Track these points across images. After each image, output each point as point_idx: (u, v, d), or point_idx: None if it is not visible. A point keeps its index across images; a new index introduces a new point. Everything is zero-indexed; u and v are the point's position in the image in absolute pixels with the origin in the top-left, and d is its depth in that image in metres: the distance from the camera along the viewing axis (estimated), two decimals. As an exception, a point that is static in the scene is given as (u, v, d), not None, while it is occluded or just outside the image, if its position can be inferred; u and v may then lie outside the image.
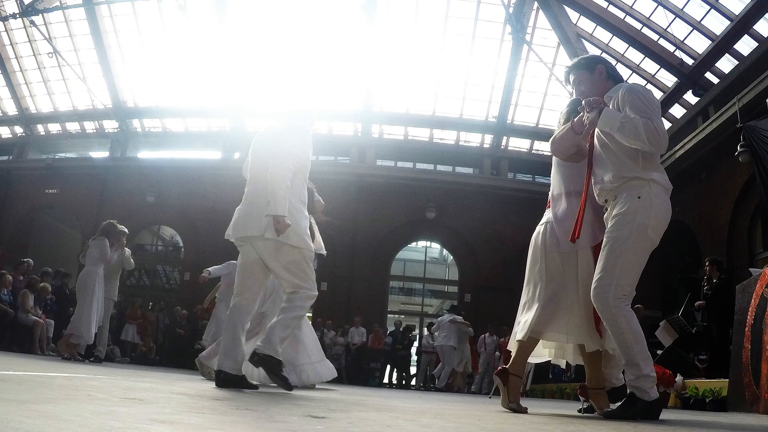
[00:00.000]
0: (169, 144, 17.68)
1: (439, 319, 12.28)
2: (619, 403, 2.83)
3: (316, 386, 4.71)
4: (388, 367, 13.88)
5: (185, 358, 11.54)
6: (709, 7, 10.71)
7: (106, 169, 16.66)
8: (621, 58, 13.09)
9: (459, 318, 11.90)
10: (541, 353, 3.25)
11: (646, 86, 13.14)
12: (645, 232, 2.70)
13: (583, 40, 13.47)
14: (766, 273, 4.82)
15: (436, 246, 18.31)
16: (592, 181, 2.93)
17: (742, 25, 10.17)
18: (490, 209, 15.35)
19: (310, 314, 7.38)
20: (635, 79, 13.20)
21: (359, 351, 13.08)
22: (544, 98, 15.56)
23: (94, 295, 7.00)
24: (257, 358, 3.34)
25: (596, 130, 2.91)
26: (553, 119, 15.96)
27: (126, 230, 8.06)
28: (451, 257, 17.33)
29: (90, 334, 6.95)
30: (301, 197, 3.68)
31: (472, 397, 7.95)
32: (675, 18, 11.33)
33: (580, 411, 3.13)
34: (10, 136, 17.89)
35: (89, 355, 7.43)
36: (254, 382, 3.90)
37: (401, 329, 13.63)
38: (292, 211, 3.47)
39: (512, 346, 3.13)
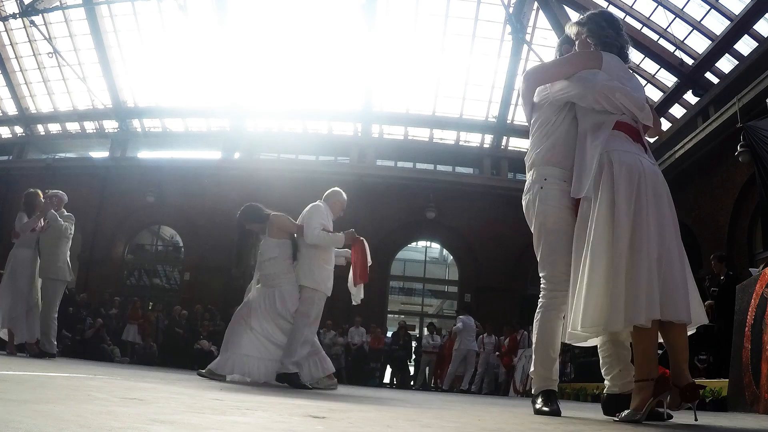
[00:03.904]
0: (169, 144, 17.69)
1: (463, 320, 12.21)
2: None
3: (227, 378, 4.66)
4: (389, 367, 13.88)
5: (185, 358, 11.54)
6: (709, 7, 10.71)
7: (106, 169, 16.66)
8: (621, 58, 13.08)
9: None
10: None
11: (646, 86, 13.16)
12: None
13: (583, 40, 13.46)
14: (766, 273, 4.82)
15: (436, 246, 18.30)
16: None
17: (742, 25, 10.16)
18: (490, 209, 15.34)
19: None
20: (635, 79, 13.18)
21: (359, 351, 13.08)
22: (544, 98, 15.56)
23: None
24: None
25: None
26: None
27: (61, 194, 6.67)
28: (451, 257, 17.32)
29: None
30: None
31: (472, 397, 7.95)
32: (675, 18, 11.32)
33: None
34: (10, 136, 17.90)
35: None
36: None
37: (400, 330, 13.66)
38: None
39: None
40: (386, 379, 13.86)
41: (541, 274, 2.74)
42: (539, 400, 2.73)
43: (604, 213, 2.36)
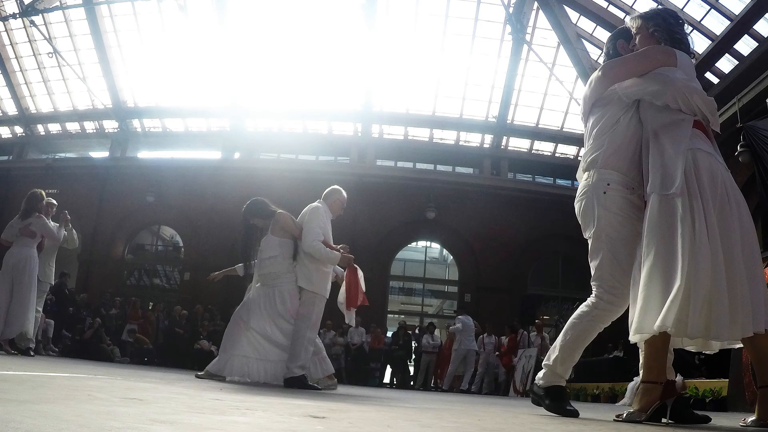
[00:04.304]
0: (169, 144, 17.69)
1: (462, 320, 12.23)
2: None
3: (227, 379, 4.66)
4: (389, 367, 13.88)
5: (185, 358, 11.54)
6: (709, 7, 10.71)
7: (106, 169, 16.67)
8: (621, 58, 13.08)
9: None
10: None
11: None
12: None
13: (583, 40, 13.46)
14: (766, 273, 4.82)
15: (436, 246, 18.29)
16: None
17: (742, 25, 10.16)
18: (490, 209, 15.35)
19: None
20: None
21: (359, 351, 13.08)
22: (544, 98, 15.57)
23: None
24: None
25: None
26: (553, 119, 16.04)
27: (54, 202, 6.88)
28: (451, 257, 17.32)
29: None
30: None
31: (472, 397, 7.95)
32: (675, 18, 11.31)
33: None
34: (10, 136, 17.90)
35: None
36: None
37: (400, 330, 13.66)
38: None
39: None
40: (386, 379, 13.86)
41: (596, 283, 2.61)
42: (549, 399, 2.72)
43: (700, 216, 2.25)
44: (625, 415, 2.38)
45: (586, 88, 2.75)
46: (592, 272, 2.62)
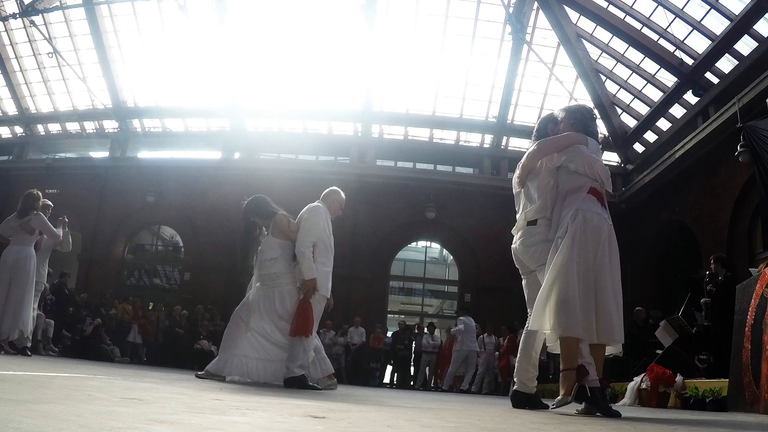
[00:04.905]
0: (169, 144, 17.68)
1: (464, 320, 12.26)
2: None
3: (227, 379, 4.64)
4: (389, 367, 13.90)
5: (185, 358, 11.55)
6: (709, 7, 10.70)
7: (106, 169, 16.66)
8: (621, 58, 13.10)
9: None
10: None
11: (646, 86, 13.17)
12: None
13: (583, 40, 13.47)
14: (767, 273, 4.83)
15: (436, 246, 18.29)
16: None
17: (742, 25, 10.16)
18: (490, 209, 15.33)
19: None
20: (635, 79, 13.19)
21: (359, 351, 13.08)
22: (544, 98, 15.56)
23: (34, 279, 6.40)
24: None
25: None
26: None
27: (50, 203, 6.96)
28: (451, 257, 17.32)
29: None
30: None
31: (472, 397, 7.96)
32: (675, 18, 11.32)
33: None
34: (10, 136, 17.89)
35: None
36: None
37: (403, 330, 13.67)
38: None
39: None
40: (386, 379, 13.87)
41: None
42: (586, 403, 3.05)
43: (580, 257, 3.13)
44: (555, 403, 2.98)
45: (524, 158, 3.57)
46: None
